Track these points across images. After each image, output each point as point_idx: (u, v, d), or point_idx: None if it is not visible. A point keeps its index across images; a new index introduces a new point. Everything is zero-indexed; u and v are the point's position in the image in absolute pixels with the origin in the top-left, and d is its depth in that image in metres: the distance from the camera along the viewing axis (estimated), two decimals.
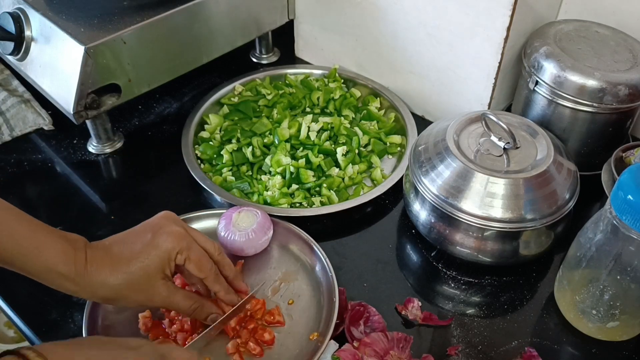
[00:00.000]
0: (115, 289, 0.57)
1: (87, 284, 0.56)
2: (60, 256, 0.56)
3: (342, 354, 0.63)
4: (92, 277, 0.56)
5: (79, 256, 0.57)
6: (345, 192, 0.84)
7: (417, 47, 0.91)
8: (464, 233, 0.71)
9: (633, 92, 0.75)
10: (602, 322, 0.66)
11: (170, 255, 0.59)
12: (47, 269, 0.55)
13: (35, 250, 0.55)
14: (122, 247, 0.59)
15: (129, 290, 0.58)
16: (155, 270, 0.59)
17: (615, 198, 0.58)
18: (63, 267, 0.55)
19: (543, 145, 0.73)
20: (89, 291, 0.57)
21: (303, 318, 0.68)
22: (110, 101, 0.84)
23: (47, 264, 0.55)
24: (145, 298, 0.59)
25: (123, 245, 0.59)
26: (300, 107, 0.96)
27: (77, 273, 0.56)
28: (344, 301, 0.69)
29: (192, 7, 0.87)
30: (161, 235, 0.59)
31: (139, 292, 0.59)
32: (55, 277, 0.56)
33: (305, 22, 1.05)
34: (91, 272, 0.56)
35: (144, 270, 0.58)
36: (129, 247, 0.59)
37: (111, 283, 0.57)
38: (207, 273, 0.62)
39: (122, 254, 0.58)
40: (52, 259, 0.55)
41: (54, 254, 0.55)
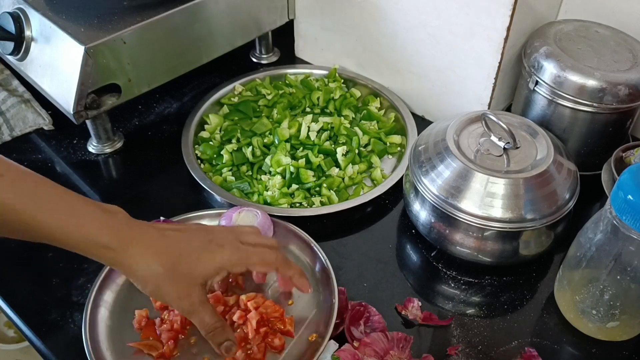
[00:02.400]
0: (153, 275, 0.56)
1: (127, 258, 0.55)
2: (99, 226, 0.55)
3: (341, 354, 0.63)
4: (136, 254, 0.55)
5: (123, 229, 0.56)
6: (345, 192, 0.84)
7: (417, 47, 0.91)
8: (464, 233, 0.71)
9: (633, 92, 0.75)
10: (602, 322, 0.66)
11: (222, 266, 0.58)
12: (86, 239, 0.54)
13: (74, 221, 0.54)
14: (178, 239, 0.58)
15: (165, 282, 0.56)
16: (200, 275, 0.57)
17: (615, 198, 0.58)
18: (104, 238, 0.54)
19: (543, 145, 0.73)
20: (127, 265, 0.56)
21: (302, 319, 0.68)
22: (110, 101, 0.84)
23: (87, 235, 0.54)
24: (176, 296, 0.57)
25: (179, 237, 0.58)
26: (300, 107, 0.96)
27: (120, 244, 0.55)
28: (344, 301, 0.69)
29: (192, 7, 0.87)
30: (217, 247, 0.58)
31: (175, 287, 0.57)
32: (95, 247, 0.55)
33: (305, 22, 1.05)
34: (137, 248, 0.55)
35: (189, 272, 0.57)
36: (185, 242, 0.58)
37: (153, 267, 0.55)
38: (276, 263, 0.61)
39: (175, 245, 0.57)
40: (92, 230, 0.54)
41: (93, 225, 0.54)
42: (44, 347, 0.67)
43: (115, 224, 0.56)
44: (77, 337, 0.64)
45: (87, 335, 0.64)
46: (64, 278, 0.73)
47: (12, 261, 0.76)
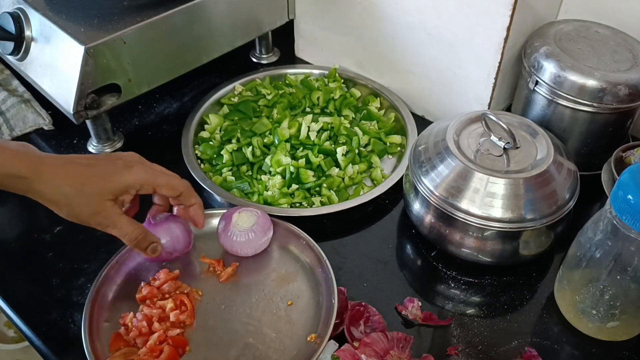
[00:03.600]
0: (65, 195, 0.60)
1: (40, 184, 0.59)
2: (15, 161, 0.59)
3: (341, 354, 0.63)
4: (46, 179, 0.59)
5: (33, 159, 0.60)
6: (345, 192, 0.84)
7: (417, 47, 0.91)
8: (464, 233, 0.71)
9: (633, 92, 0.75)
10: (602, 322, 0.66)
11: (131, 185, 0.62)
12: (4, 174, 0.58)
13: None
14: (85, 162, 0.61)
15: (75, 201, 0.60)
16: (109, 192, 0.61)
17: (615, 198, 0.58)
18: (15, 168, 0.58)
19: (543, 145, 0.73)
20: (40, 191, 0.60)
21: (302, 319, 0.68)
22: (110, 101, 0.84)
23: (3, 170, 0.58)
24: (89, 212, 0.61)
25: (86, 160, 0.62)
26: (300, 107, 0.96)
27: (31, 172, 0.59)
28: (344, 301, 0.69)
29: (192, 7, 0.87)
30: (124, 168, 0.62)
31: (84, 207, 0.61)
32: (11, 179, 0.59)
33: (305, 22, 1.05)
34: (46, 174, 0.59)
35: (99, 190, 0.60)
36: (92, 164, 0.61)
37: (63, 189, 0.59)
38: (182, 188, 0.65)
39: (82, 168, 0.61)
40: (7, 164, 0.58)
41: (9, 159, 0.58)
42: (44, 347, 0.67)
43: (27, 157, 0.60)
44: (77, 337, 0.64)
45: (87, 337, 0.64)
46: (64, 278, 0.73)
47: (12, 261, 0.76)
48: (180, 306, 0.68)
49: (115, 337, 0.65)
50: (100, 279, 0.69)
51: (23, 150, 0.60)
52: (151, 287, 0.69)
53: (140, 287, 0.70)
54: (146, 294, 0.69)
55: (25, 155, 0.60)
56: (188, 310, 0.67)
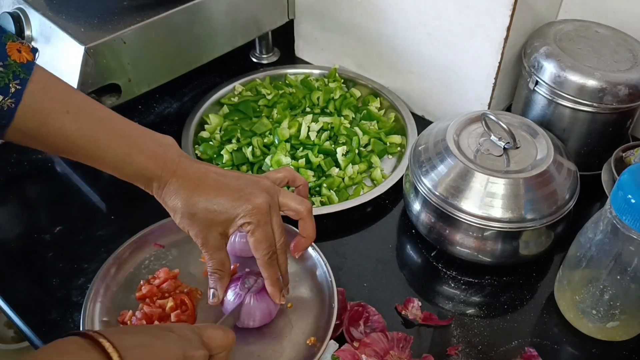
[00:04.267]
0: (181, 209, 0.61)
1: (165, 191, 0.61)
2: (149, 162, 0.60)
3: (341, 354, 0.63)
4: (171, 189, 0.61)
5: (169, 166, 0.61)
6: (345, 192, 0.84)
7: (417, 47, 0.91)
8: (464, 233, 0.71)
9: (633, 92, 0.75)
10: (602, 322, 0.66)
11: (237, 220, 0.61)
12: (137, 173, 0.61)
13: (127, 156, 0.60)
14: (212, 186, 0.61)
15: (189, 218, 0.61)
16: (220, 224, 0.61)
17: (615, 198, 0.58)
18: (150, 172, 0.60)
19: (543, 145, 0.73)
20: (162, 197, 0.62)
21: (301, 322, 0.67)
22: (110, 101, 0.84)
23: (137, 169, 0.60)
24: (195, 233, 0.62)
25: (214, 184, 0.61)
26: (300, 107, 0.96)
27: (162, 179, 0.61)
28: (343, 302, 0.69)
29: (192, 7, 0.87)
30: (244, 201, 0.61)
31: (194, 226, 0.61)
32: (144, 180, 0.61)
33: (305, 22, 1.05)
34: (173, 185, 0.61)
35: (211, 218, 0.61)
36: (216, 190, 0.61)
37: (181, 204, 0.60)
38: (260, 257, 0.63)
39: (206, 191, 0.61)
40: (141, 164, 0.60)
41: (143, 159, 0.60)
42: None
43: (163, 160, 0.61)
44: None
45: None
46: (64, 278, 0.73)
47: (12, 261, 0.76)
48: (181, 305, 0.68)
49: None
50: (99, 276, 0.69)
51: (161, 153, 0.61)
52: (151, 285, 0.69)
53: (140, 285, 0.69)
54: (146, 293, 0.68)
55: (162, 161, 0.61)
56: (189, 310, 0.67)
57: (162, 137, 0.64)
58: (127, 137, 0.61)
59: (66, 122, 0.58)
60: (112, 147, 0.60)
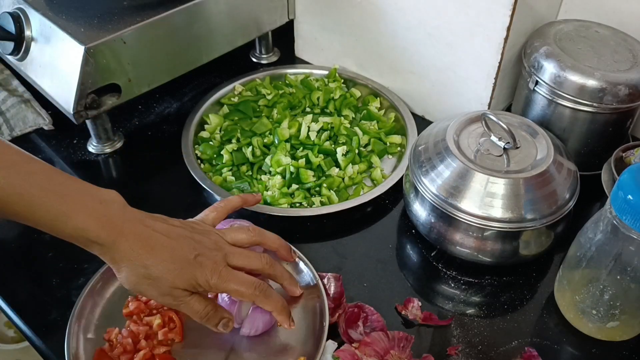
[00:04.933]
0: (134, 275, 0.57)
1: (113, 255, 0.57)
2: (89, 220, 0.55)
3: (341, 354, 0.63)
4: (120, 252, 0.56)
5: (114, 224, 0.56)
6: (345, 192, 0.84)
7: (417, 47, 0.91)
8: (464, 233, 0.71)
9: (633, 92, 0.75)
10: (602, 322, 0.66)
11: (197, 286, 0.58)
12: (76, 233, 0.56)
13: (63, 215, 0.55)
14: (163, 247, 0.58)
15: (144, 283, 0.58)
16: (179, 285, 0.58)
17: (615, 198, 0.58)
18: (92, 233, 0.55)
19: (543, 145, 0.73)
20: (111, 261, 0.57)
21: (291, 341, 0.66)
22: (110, 101, 0.84)
23: (76, 228, 0.55)
24: (157, 294, 0.59)
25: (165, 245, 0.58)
26: (300, 107, 0.96)
27: (107, 241, 0.56)
28: (340, 287, 0.69)
29: (192, 7, 0.87)
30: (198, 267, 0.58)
31: (153, 289, 0.58)
32: (84, 241, 0.56)
33: (305, 22, 1.05)
34: (121, 246, 0.56)
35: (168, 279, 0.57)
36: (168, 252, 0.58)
37: (134, 270, 0.57)
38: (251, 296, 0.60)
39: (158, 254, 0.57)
40: (81, 224, 0.55)
41: (82, 218, 0.55)
42: (44, 347, 0.67)
43: (106, 218, 0.56)
44: None
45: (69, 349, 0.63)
46: (64, 278, 0.73)
47: (12, 261, 0.76)
48: (169, 323, 0.66)
49: (99, 354, 0.63)
50: (86, 291, 0.68)
51: (103, 211, 0.56)
52: (139, 301, 0.67)
53: (128, 302, 0.68)
54: (133, 309, 0.66)
55: (105, 219, 0.56)
56: (177, 328, 0.65)
57: (104, 193, 0.58)
58: (63, 194, 0.55)
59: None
60: (47, 204, 0.54)
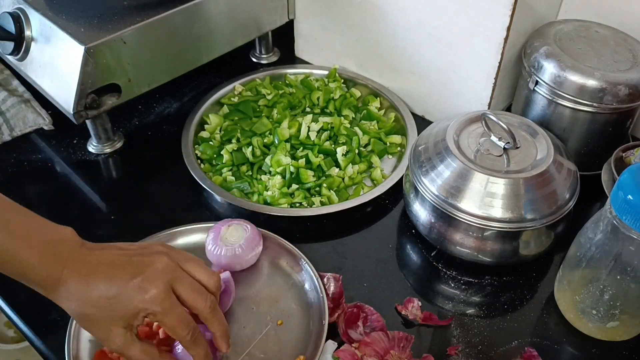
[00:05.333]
0: (77, 313, 0.56)
1: (56, 297, 0.56)
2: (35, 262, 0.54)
3: (341, 354, 0.63)
4: (62, 293, 0.55)
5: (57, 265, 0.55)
6: (345, 192, 0.84)
7: (417, 47, 0.91)
8: (464, 233, 0.71)
9: (633, 92, 0.75)
10: (602, 322, 0.66)
11: (139, 313, 0.56)
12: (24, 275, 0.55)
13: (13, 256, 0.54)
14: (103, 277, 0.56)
15: (87, 321, 0.57)
16: (120, 318, 0.56)
17: (615, 198, 0.58)
18: (37, 276, 0.55)
19: (543, 145, 0.73)
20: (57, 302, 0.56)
21: (291, 340, 0.66)
22: (110, 101, 0.84)
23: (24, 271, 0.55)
24: (101, 337, 0.57)
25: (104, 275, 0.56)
26: (300, 107, 0.96)
27: (50, 283, 0.55)
28: (339, 287, 0.69)
29: (192, 7, 0.87)
30: (139, 290, 0.55)
31: (96, 328, 0.57)
32: (31, 283, 0.56)
33: (305, 22, 1.05)
34: (62, 287, 0.55)
35: (108, 315, 0.56)
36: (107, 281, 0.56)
37: (75, 307, 0.56)
38: (182, 338, 0.57)
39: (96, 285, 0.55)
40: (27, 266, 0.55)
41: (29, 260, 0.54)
42: (44, 347, 0.67)
43: (52, 259, 0.55)
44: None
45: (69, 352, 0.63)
46: None
47: None
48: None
49: (99, 355, 0.63)
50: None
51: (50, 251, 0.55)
52: None
53: None
54: None
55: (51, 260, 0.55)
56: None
57: (57, 231, 0.57)
58: (13, 233, 0.54)
59: None
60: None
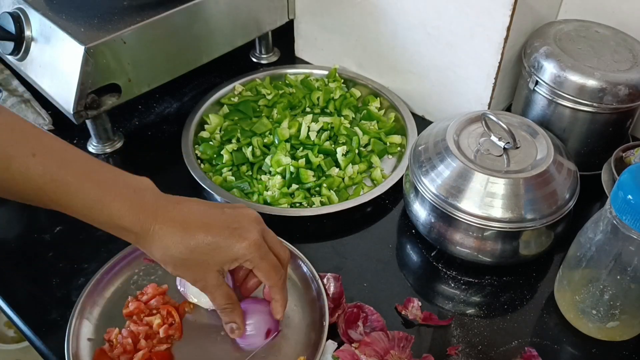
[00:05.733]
0: (172, 258, 0.57)
1: (148, 241, 0.57)
2: (124, 209, 0.56)
3: (341, 354, 0.63)
4: (157, 239, 0.57)
5: (148, 211, 0.56)
6: (345, 192, 0.84)
7: (417, 47, 0.91)
8: (464, 233, 0.71)
9: (633, 92, 0.75)
10: (602, 322, 0.66)
11: (237, 259, 0.59)
12: (110, 221, 0.56)
13: (98, 202, 0.55)
14: (200, 225, 0.58)
15: (182, 265, 0.58)
16: (216, 262, 0.58)
17: (615, 198, 0.58)
18: (126, 221, 0.56)
19: (543, 145, 0.73)
20: (148, 247, 0.58)
21: (291, 340, 0.66)
22: (110, 101, 0.84)
23: (110, 217, 0.56)
24: (193, 278, 0.60)
25: (201, 224, 0.58)
26: (300, 107, 0.96)
27: (142, 229, 0.56)
28: (339, 287, 0.69)
29: (192, 7, 0.87)
30: (238, 238, 0.58)
31: (191, 271, 0.59)
32: (118, 229, 0.57)
33: (305, 22, 1.05)
34: (158, 233, 0.56)
35: (206, 257, 0.58)
36: (206, 229, 0.57)
37: (171, 252, 0.57)
38: (275, 282, 0.61)
39: (196, 232, 0.57)
40: (116, 212, 0.55)
41: (117, 207, 0.55)
42: (44, 347, 0.67)
43: (140, 206, 0.56)
44: None
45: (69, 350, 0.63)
46: (64, 278, 0.73)
47: (12, 261, 0.76)
48: (168, 318, 0.66)
49: (99, 354, 0.63)
50: (86, 291, 0.68)
51: (137, 199, 0.57)
52: (138, 302, 0.67)
53: (128, 302, 0.68)
54: (133, 310, 0.67)
55: (139, 207, 0.56)
56: (176, 324, 0.66)
57: (137, 180, 0.59)
58: (99, 182, 0.56)
59: (32, 166, 0.53)
60: (83, 192, 0.55)
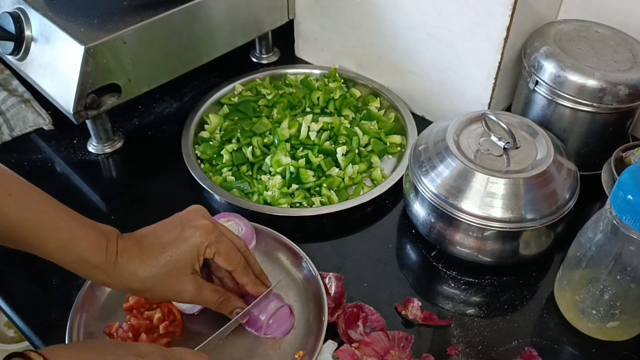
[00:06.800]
0: (144, 282, 0.58)
1: (117, 275, 0.57)
2: (92, 247, 0.57)
3: (340, 354, 0.63)
4: (122, 268, 0.57)
5: (111, 247, 0.57)
6: (345, 192, 0.84)
7: (417, 47, 0.91)
8: (464, 233, 0.71)
9: (633, 92, 0.75)
10: (602, 322, 0.66)
11: (199, 249, 0.59)
12: (80, 259, 0.57)
13: (69, 241, 0.56)
14: (153, 240, 0.59)
15: (157, 284, 0.59)
16: (185, 264, 0.59)
17: (615, 198, 0.58)
18: (95, 258, 0.57)
19: (543, 145, 0.73)
20: (119, 282, 0.58)
21: (290, 335, 0.66)
22: (110, 101, 0.84)
23: (80, 255, 0.56)
24: (174, 293, 0.60)
25: (154, 238, 0.60)
26: (300, 107, 0.96)
27: (108, 264, 0.57)
28: (341, 287, 0.69)
29: (192, 7, 0.87)
30: (190, 228, 0.60)
31: (168, 287, 0.59)
32: (87, 267, 0.57)
33: (305, 22, 1.05)
34: (121, 263, 0.57)
35: (173, 264, 0.58)
36: (159, 240, 0.59)
37: (140, 275, 0.58)
38: (236, 265, 0.62)
39: (152, 246, 0.59)
40: (85, 250, 0.56)
41: (86, 245, 0.57)
42: (44, 347, 0.67)
43: (105, 244, 0.57)
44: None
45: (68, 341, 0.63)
46: (64, 278, 0.73)
47: (12, 261, 0.76)
48: (169, 315, 0.66)
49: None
50: (86, 286, 0.68)
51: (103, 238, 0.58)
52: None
53: (128, 296, 0.68)
54: (133, 304, 0.67)
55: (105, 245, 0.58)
56: (177, 321, 0.66)
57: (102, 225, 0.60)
58: (69, 222, 0.57)
59: (7, 205, 0.54)
60: (56, 232, 0.56)
